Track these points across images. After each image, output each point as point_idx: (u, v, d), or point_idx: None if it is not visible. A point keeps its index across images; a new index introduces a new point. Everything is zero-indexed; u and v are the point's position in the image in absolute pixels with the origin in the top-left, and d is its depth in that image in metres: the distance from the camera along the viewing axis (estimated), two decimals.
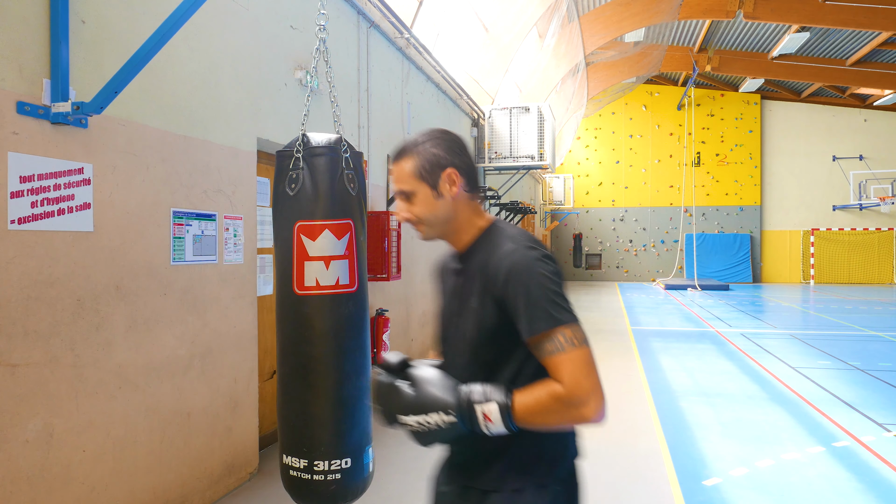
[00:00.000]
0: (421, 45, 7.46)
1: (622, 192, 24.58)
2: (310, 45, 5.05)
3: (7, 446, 2.52)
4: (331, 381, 1.94)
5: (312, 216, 1.93)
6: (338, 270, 1.94)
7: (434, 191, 1.50)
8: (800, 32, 16.22)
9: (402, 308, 7.24)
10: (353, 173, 2.00)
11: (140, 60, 2.67)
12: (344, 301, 1.95)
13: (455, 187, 1.50)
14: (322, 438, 1.93)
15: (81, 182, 2.85)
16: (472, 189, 1.53)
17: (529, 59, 13.61)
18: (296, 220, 1.93)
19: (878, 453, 4.66)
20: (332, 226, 1.93)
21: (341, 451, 1.92)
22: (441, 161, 1.50)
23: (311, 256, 1.93)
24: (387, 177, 6.84)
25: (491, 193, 10.73)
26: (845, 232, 22.70)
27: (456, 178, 1.50)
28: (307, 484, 1.92)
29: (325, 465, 1.90)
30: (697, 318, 12.89)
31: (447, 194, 1.50)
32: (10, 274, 2.53)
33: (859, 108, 22.67)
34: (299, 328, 1.96)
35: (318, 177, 1.94)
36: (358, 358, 1.99)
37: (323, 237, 1.93)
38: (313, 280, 1.93)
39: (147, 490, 3.24)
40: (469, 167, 1.53)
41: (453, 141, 1.53)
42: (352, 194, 1.98)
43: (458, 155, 1.52)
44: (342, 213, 1.95)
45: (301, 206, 1.94)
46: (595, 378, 1.31)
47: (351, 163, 2.00)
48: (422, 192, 1.50)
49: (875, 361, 8.16)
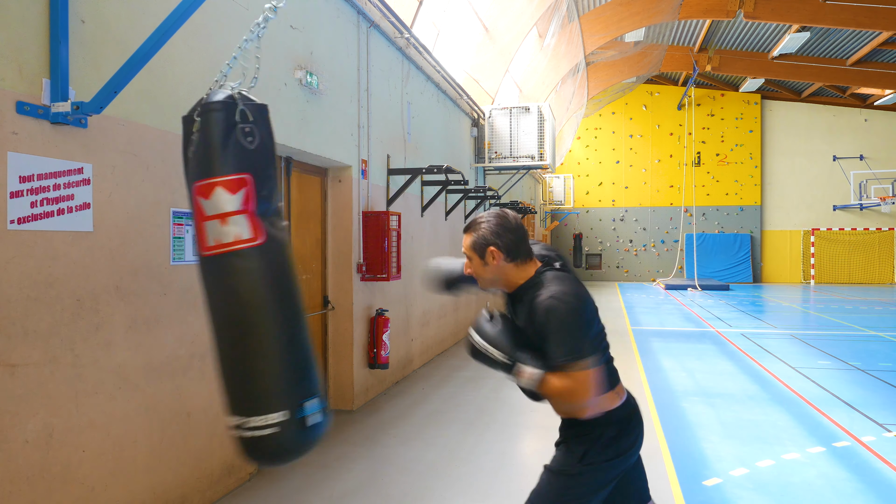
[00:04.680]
0: (421, 45, 7.46)
1: (622, 192, 24.57)
2: (310, 45, 5.05)
3: (7, 446, 2.52)
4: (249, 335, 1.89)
5: (205, 175, 1.90)
6: (236, 226, 1.87)
7: (482, 260, 2.09)
8: (800, 32, 16.21)
9: (401, 308, 7.24)
10: (253, 126, 1.94)
11: (140, 60, 2.66)
12: (248, 255, 1.88)
13: (496, 260, 2.06)
14: (247, 395, 1.89)
15: (81, 182, 2.85)
16: (513, 258, 2.07)
17: (529, 59, 13.61)
18: (192, 182, 1.92)
19: (878, 453, 4.66)
20: (223, 182, 1.87)
21: (269, 405, 1.86)
22: (487, 241, 2.06)
23: (207, 216, 1.89)
24: (387, 177, 6.84)
25: (491, 193, 10.73)
26: (845, 232, 22.70)
27: (497, 254, 2.06)
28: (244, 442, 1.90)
29: (257, 420, 1.86)
30: (697, 318, 12.88)
31: (491, 264, 2.07)
32: (9, 274, 2.53)
33: (860, 107, 22.67)
34: (211, 289, 1.93)
35: (210, 134, 1.90)
36: (279, 310, 1.91)
37: (215, 195, 1.88)
38: (213, 240, 1.89)
39: (147, 490, 3.24)
40: (510, 243, 2.05)
41: (501, 224, 2.07)
42: (249, 148, 1.92)
43: (501, 236, 2.05)
44: (235, 168, 1.88)
45: (195, 166, 1.91)
46: (591, 393, 1.93)
47: (249, 115, 1.93)
48: (475, 259, 2.11)
49: (875, 361, 8.16)
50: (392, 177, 6.97)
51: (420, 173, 6.81)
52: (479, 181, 11.93)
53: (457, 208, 9.88)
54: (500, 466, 4.48)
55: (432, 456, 4.67)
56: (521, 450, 4.95)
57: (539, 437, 5.28)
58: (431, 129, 8.68)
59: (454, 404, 6.12)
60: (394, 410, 5.92)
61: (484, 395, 6.46)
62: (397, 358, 7.07)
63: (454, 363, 8.11)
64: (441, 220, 9.07)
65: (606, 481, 2.12)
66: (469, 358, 2.20)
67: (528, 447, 5.05)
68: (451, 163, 9.39)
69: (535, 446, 5.07)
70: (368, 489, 4.06)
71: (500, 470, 4.42)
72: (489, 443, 4.97)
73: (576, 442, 2.13)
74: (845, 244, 22.65)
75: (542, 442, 5.16)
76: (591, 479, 2.10)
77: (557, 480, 2.13)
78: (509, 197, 14.32)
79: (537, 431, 5.40)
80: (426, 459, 4.60)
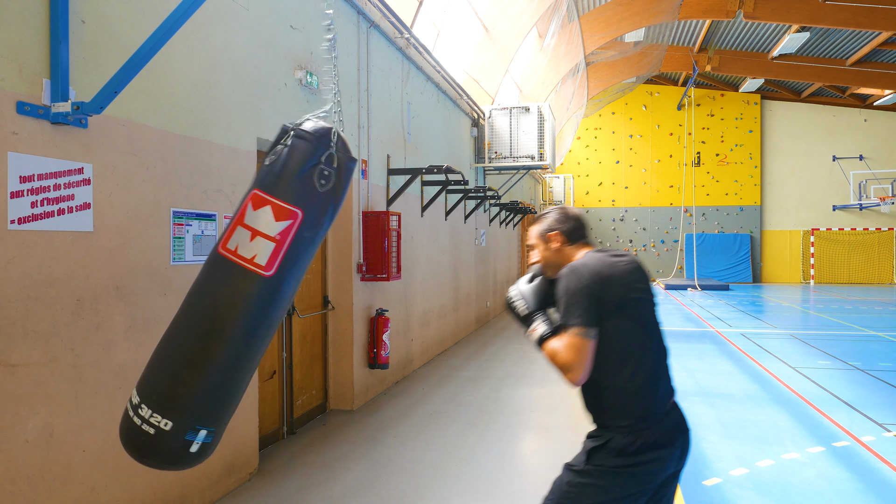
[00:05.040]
0: (421, 45, 7.46)
1: (622, 192, 24.57)
2: (310, 45, 5.05)
3: (7, 446, 2.52)
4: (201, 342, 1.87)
5: (267, 189, 1.91)
6: (259, 248, 1.87)
7: (546, 245, 2.31)
8: (800, 32, 16.21)
9: (401, 308, 7.24)
10: (333, 172, 1.94)
11: (140, 60, 2.66)
12: (251, 278, 1.86)
13: (557, 244, 2.28)
14: (159, 386, 1.87)
15: (81, 182, 2.85)
16: (572, 241, 2.28)
17: (529, 59, 13.61)
18: (254, 187, 1.93)
19: (878, 453, 4.66)
20: (276, 205, 1.88)
21: (167, 409, 1.83)
22: (550, 227, 2.31)
23: (244, 223, 1.90)
24: (387, 177, 6.84)
25: (491, 193, 10.73)
26: (845, 232, 22.69)
27: (558, 238, 2.28)
28: (126, 420, 1.89)
29: (147, 411, 1.84)
30: (697, 318, 12.89)
31: (553, 248, 2.30)
32: (9, 274, 2.53)
33: (859, 108, 22.66)
34: (202, 281, 1.93)
35: (292, 158, 1.91)
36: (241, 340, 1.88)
37: (263, 211, 1.89)
38: (235, 245, 1.89)
39: (147, 490, 3.24)
40: (569, 230, 2.29)
41: (562, 213, 2.32)
42: (318, 190, 1.91)
43: (562, 223, 2.29)
44: (294, 200, 1.89)
45: (265, 176, 1.93)
46: (573, 359, 2.02)
47: (335, 161, 1.95)
48: (541, 245, 2.33)
49: (875, 361, 8.16)
50: (392, 177, 6.97)
51: (420, 173, 6.81)
52: (479, 181, 11.93)
53: (457, 208, 9.88)
54: (500, 467, 4.48)
55: (432, 456, 4.67)
56: (521, 450, 4.95)
57: (539, 437, 5.28)
58: (431, 129, 8.68)
59: (454, 404, 6.12)
60: (394, 410, 5.92)
61: (484, 395, 6.46)
62: (397, 358, 7.07)
63: (454, 363, 8.11)
64: (441, 220, 9.07)
65: (616, 490, 2.06)
66: (469, 358, 2.22)
67: (528, 447, 5.05)
68: (451, 163, 9.39)
69: (536, 446, 5.07)
70: (368, 489, 4.06)
71: (501, 470, 4.42)
72: (489, 443, 4.97)
73: (590, 439, 2.15)
74: (845, 244, 22.64)
75: (543, 442, 5.16)
76: (598, 481, 2.06)
77: (566, 474, 2.15)
78: (509, 197, 14.31)
79: (538, 432, 5.41)
80: (426, 459, 4.60)
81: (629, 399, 2.07)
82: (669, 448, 2.08)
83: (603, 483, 2.06)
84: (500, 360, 8.30)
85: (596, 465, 2.07)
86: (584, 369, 2.02)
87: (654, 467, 2.06)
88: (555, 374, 7.45)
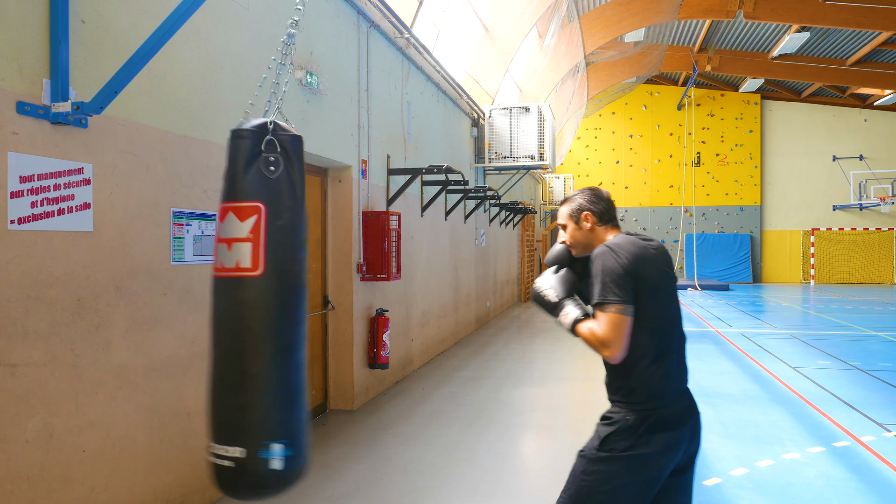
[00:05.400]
0: (421, 45, 7.46)
1: (622, 192, 24.57)
2: (310, 45, 5.06)
3: (7, 446, 2.52)
4: (230, 362, 1.87)
5: (225, 198, 1.93)
6: (238, 253, 1.86)
7: (577, 225, 2.35)
8: (800, 32, 16.21)
9: (401, 308, 7.24)
10: (279, 156, 1.94)
11: (140, 60, 2.66)
12: (244, 285, 1.86)
13: (589, 223, 2.32)
14: (216, 419, 1.88)
15: (81, 182, 2.85)
16: (603, 222, 2.32)
17: (529, 59, 13.61)
18: (221, 203, 1.95)
19: (878, 453, 4.66)
20: (234, 208, 1.89)
21: (231, 438, 1.83)
22: (582, 208, 2.34)
23: (220, 238, 1.91)
24: (387, 177, 6.84)
25: (491, 193, 10.73)
26: (845, 232, 22.69)
27: (590, 218, 2.32)
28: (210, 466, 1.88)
29: (219, 448, 1.85)
30: (697, 318, 12.89)
31: (584, 228, 2.33)
32: (9, 274, 2.53)
33: (859, 108, 22.66)
34: (212, 308, 1.94)
35: (236, 159, 1.92)
36: (266, 347, 1.87)
37: (228, 219, 1.89)
38: (220, 262, 1.90)
39: (147, 490, 3.24)
40: (601, 210, 2.33)
41: (593, 194, 2.36)
42: (270, 177, 1.91)
43: (594, 203, 2.33)
44: (251, 195, 1.89)
45: (223, 188, 1.95)
46: (612, 335, 2.04)
47: (278, 145, 1.94)
48: (571, 226, 2.36)
49: (875, 361, 8.16)
50: (392, 177, 6.97)
51: (420, 173, 6.80)
52: (479, 181, 11.93)
53: (457, 208, 9.88)
54: (500, 466, 4.48)
55: (432, 456, 4.67)
56: (521, 450, 4.95)
57: (540, 437, 5.28)
58: (431, 129, 8.68)
59: (454, 404, 6.12)
60: (394, 410, 5.92)
61: (484, 395, 6.46)
62: (397, 358, 7.07)
63: (454, 363, 8.11)
64: (441, 220, 9.07)
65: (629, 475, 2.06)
66: (469, 358, 2.23)
67: (528, 447, 5.05)
68: (451, 163, 9.39)
69: (536, 446, 5.07)
70: (368, 489, 4.06)
71: (501, 470, 4.42)
72: (489, 443, 4.97)
73: (603, 422, 2.16)
74: (845, 244, 22.64)
75: (543, 442, 5.16)
76: (611, 467, 2.07)
77: (580, 463, 2.16)
78: (509, 197, 14.31)
79: (538, 432, 5.41)
80: (426, 459, 4.60)
81: (652, 378, 2.10)
82: (680, 429, 2.11)
83: (616, 469, 2.07)
84: (500, 360, 8.30)
85: (608, 450, 2.09)
86: (623, 345, 2.05)
87: (666, 449, 2.08)
88: (555, 375, 7.45)
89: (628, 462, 2.06)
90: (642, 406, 2.09)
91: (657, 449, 2.07)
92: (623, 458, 2.07)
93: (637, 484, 2.07)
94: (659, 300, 2.14)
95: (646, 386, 2.10)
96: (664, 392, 2.11)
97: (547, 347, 9.40)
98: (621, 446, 2.08)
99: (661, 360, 2.11)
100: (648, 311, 2.10)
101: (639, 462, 2.06)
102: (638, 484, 2.07)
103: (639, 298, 2.09)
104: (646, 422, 2.07)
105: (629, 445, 2.07)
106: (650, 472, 2.08)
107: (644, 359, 2.10)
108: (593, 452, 2.12)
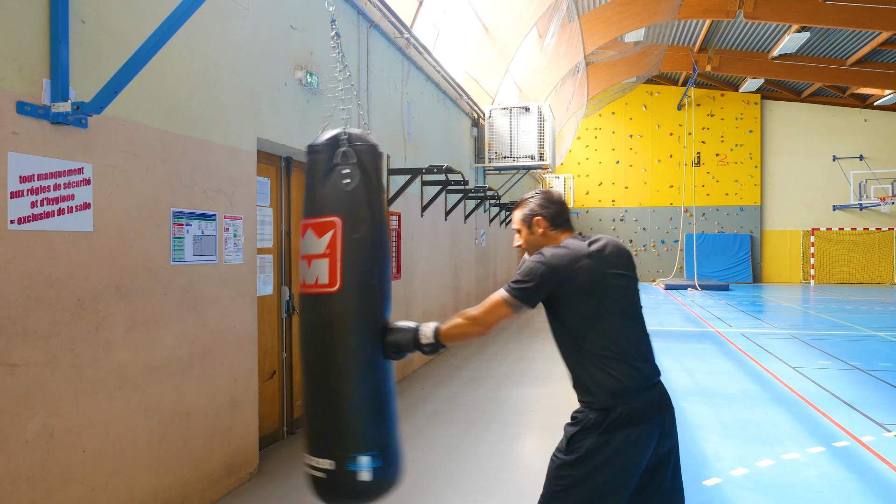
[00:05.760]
0: (421, 45, 7.46)
1: (622, 192, 24.57)
2: (310, 45, 5.05)
3: (7, 446, 2.52)
4: (317, 377, 1.90)
5: (305, 215, 1.94)
6: (317, 270, 1.88)
7: (529, 230, 2.38)
8: (800, 32, 16.21)
9: (401, 308, 7.24)
10: (354, 167, 1.93)
11: (140, 60, 2.66)
12: (323, 301, 1.87)
13: (541, 228, 2.35)
14: (309, 433, 1.93)
15: (81, 182, 2.85)
16: (555, 226, 2.35)
17: (529, 59, 13.61)
18: (302, 219, 1.98)
19: (878, 453, 4.66)
20: (313, 224, 1.90)
21: (322, 450, 1.88)
22: (534, 212, 2.36)
23: (301, 255, 1.93)
24: (387, 177, 6.84)
25: (491, 193, 10.73)
26: (845, 232, 22.69)
27: (542, 223, 2.35)
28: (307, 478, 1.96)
29: (313, 460, 1.90)
30: (697, 318, 12.88)
31: (537, 232, 2.36)
32: (9, 274, 2.53)
33: (859, 108, 22.65)
34: (299, 323, 1.99)
35: (313, 174, 1.93)
36: (346, 361, 1.89)
37: (307, 235, 1.90)
38: (302, 278, 1.92)
39: (147, 490, 3.24)
40: (552, 214, 2.35)
41: (545, 198, 2.39)
42: (344, 190, 1.89)
43: (546, 208, 2.35)
44: (328, 210, 1.88)
45: (304, 204, 1.98)
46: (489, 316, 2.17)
47: (351, 157, 1.94)
48: (524, 230, 2.39)
49: (875, 361, 8.16)
50: (392, 177, 6.97)
51: (420, 173, 6.80)
52: (479, 181, 11.93)
53: (457, 208, 9.87)
54: (500, 466, 4.48)
55: (432, 456, 4.67)
56: (521, 450, 4.95)
57: (540, 437, 5.28)
58: (431, 129, 8.68)
59: (454, 404, 6.12)
60: None
61: (484, 395, 6.46)
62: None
63: (454, 363, 8.11)
64: (441, 220, 9.07)
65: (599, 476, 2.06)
66: (469, 358, 2.25)
67: (528, 447, 5.05)
68: (451, 163, 9.39)
69: (536, 446, 5.07)
70: None
71: (501, 470, 4.42)
72: (490, 443, 4.97)
73: (569, 424, 2.19)
74: (845, 244, 22.64)
75: (543, 442, 5.16)
76: (579, 471, 2.08)
77: (553, 465, 2.18)
78: (509, 197, 14.31)
79: (538, 431, 5.41)
80: (426, 459, 4.60)
81: (608, 376, 2.11)
82: (645, 425, 2.09)
83: (585, 469, 2.08)
84: (500, 360, 8.30)
85: (575, 449, 2.10)
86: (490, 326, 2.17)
87: (630, 446, 2.07)
88: (555, 375, 7.45)
89: (595, 461, 2.07)
90: (602, 404, 2.10)
91: (621, 445, 2.06)
92: (589, 457, 2.08)
93: (607, 483, 2.07)
94: (603, 298, 2.15)
95: (603, 384, 2.11)
96: (624, 389, 2.10)
97: (547, 347, 9.39)
98: (586, 445, 2.09)
99: (616, 358, 2.11)
100: (591, 310, 2.14)
101: (605, 460, 2.07)
102: (608, 483, 2.07)
103: (573, 300, 2.14)
104: (607, 419, 2.08)
105: (593, 444, 2.08)
106: (617, 469, 2.07)
107: (596, 357, 2.12)
108: (561, 454, 2.14)
